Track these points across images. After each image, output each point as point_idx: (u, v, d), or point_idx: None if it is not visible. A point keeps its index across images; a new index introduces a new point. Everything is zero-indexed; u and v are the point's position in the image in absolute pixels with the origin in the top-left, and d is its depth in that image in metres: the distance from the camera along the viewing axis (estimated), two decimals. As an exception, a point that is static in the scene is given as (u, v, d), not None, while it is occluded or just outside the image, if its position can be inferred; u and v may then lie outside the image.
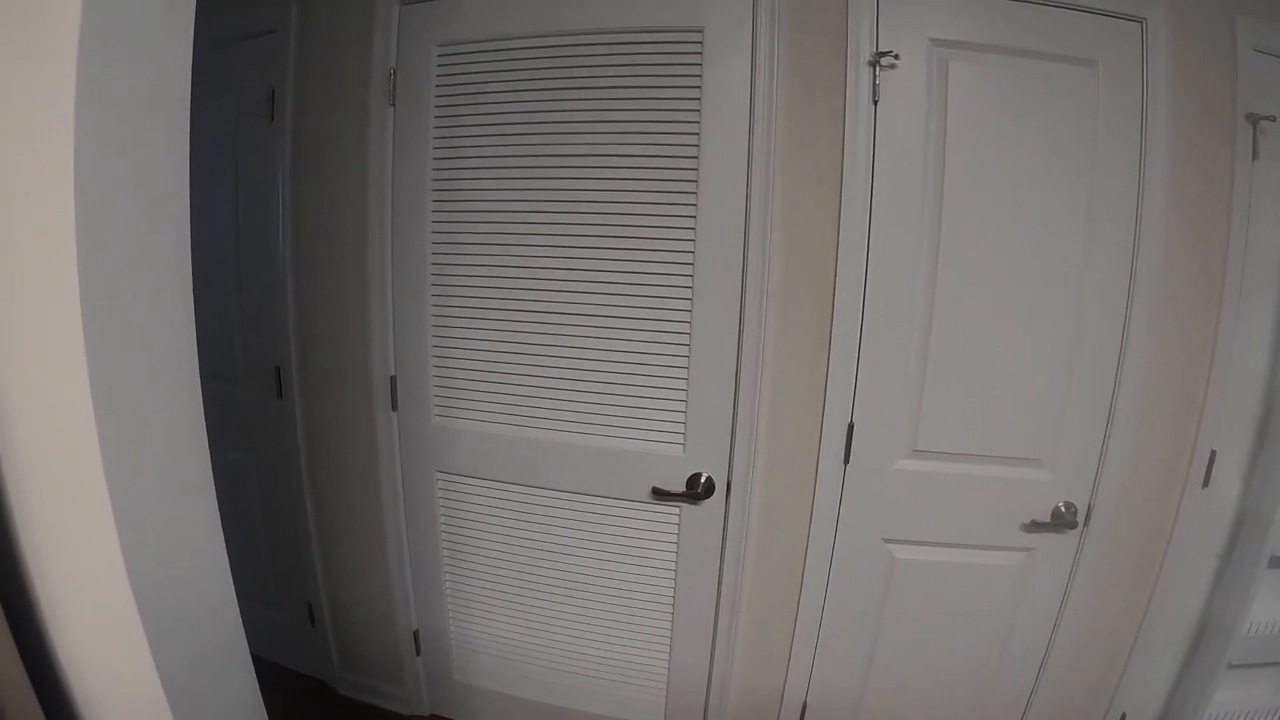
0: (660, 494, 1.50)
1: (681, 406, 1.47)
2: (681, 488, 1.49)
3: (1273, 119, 1.32)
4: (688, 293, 1.43)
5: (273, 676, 1.91)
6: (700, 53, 1.35)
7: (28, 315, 0.67)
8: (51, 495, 0.72)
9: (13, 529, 0.73)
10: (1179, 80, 1.32)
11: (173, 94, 0.73)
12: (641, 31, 1.37)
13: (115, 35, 0.65)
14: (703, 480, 1.48)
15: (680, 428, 1.48)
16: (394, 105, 1.53)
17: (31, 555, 0.74)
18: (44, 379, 0.69)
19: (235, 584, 0.89)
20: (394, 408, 1.66)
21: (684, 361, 1.45)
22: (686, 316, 1.44)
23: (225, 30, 1.68)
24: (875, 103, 1.33)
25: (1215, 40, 1.32)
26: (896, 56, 1.31)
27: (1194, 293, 1.38)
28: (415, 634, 1.82)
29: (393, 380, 1.64)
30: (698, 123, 1.37)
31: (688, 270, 1.42)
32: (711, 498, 1.50)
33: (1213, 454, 1.44)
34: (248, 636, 0.91)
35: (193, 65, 0.74)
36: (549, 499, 1.59)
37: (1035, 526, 1.45)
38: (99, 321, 0.67)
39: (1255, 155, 1.34)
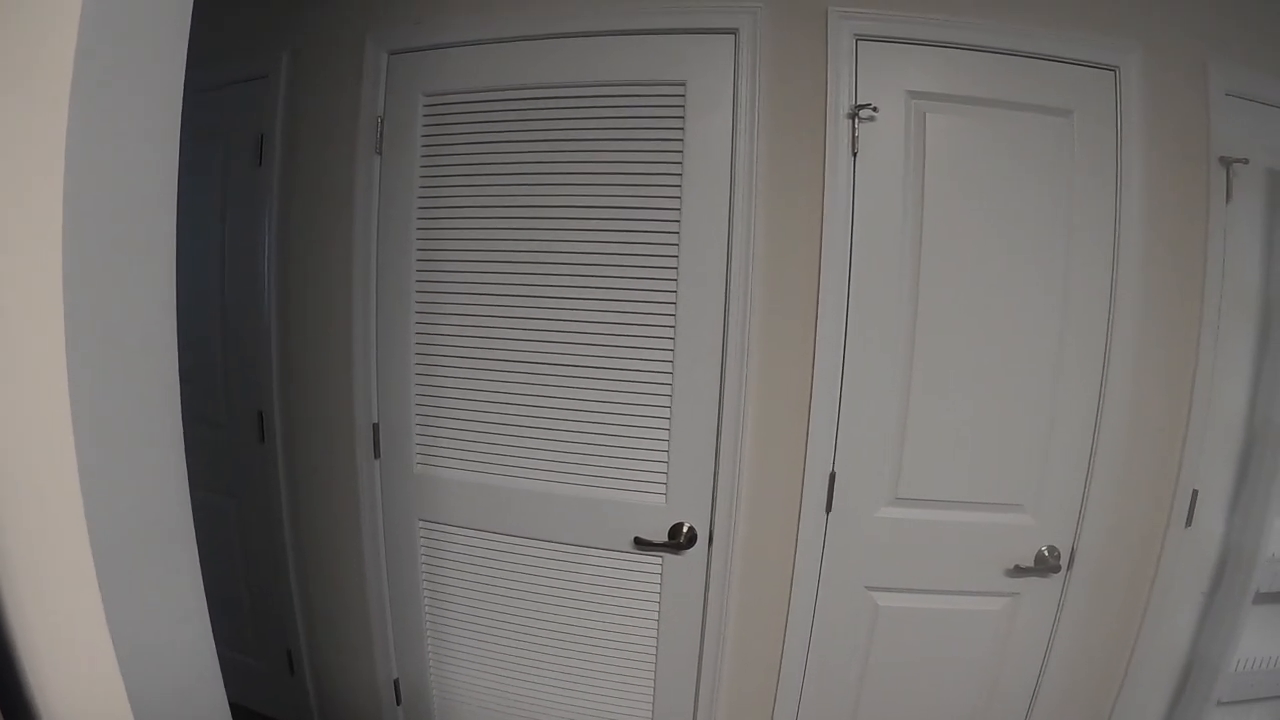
0: (642, 544, 1.49)
1: (663, 456, 1.47)
2: (664, 537, 1.48)
3: (1245, 161, 1.35)
4: (670, 343, 1.43)
5: (252, 726, 1.87)
6: (683, 106, 1.37)
7: (11, 355, 0.68)
8: (32, 540, 0.72)
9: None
10: (1153, 126, 1.34)
11: (162, 138, 0.74)
12: (625, 85, 1.38)
13: (107, 80, 0.66)
14: (685, 530, 1.48)
15: (662, 477, 1.47)
16: (380, 153, 1.54)
17: (10, 598, 0.74)
18: (26, 419, 0.69)
19: (213, 630, 0.88)
20: (376, 455, 1.65)
21: (666, 411, 1.45)
22: (669, 366, 1.44)
23: (216, 75, 1.69)
24: (854, 154, 1.35)
25: (1188, 86, 1.35)
26: (875, 109, 1.33)
27: (1172, 335, 1.39)
28: (396, 683, 1.79)
29: (375, 427, 1.63)
30: (680, 174, 1.38)
31: (669, 320, 1.42)
32: (694, 547, 1.49)
33: (1195, 493, 1.44)
34: (225, 684, 0.90)
35: (182, 109, 0.75)
36: (531, 548, 1.58)
37: (1019, 571, 1.45)
38: (83, 363, 0.67)
39: (1229, 197, 1.36)
